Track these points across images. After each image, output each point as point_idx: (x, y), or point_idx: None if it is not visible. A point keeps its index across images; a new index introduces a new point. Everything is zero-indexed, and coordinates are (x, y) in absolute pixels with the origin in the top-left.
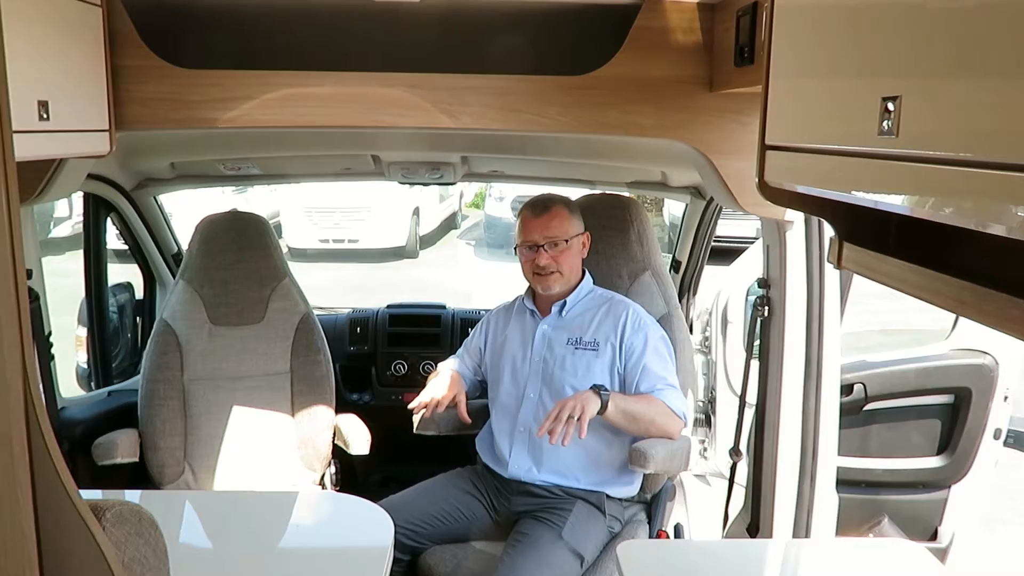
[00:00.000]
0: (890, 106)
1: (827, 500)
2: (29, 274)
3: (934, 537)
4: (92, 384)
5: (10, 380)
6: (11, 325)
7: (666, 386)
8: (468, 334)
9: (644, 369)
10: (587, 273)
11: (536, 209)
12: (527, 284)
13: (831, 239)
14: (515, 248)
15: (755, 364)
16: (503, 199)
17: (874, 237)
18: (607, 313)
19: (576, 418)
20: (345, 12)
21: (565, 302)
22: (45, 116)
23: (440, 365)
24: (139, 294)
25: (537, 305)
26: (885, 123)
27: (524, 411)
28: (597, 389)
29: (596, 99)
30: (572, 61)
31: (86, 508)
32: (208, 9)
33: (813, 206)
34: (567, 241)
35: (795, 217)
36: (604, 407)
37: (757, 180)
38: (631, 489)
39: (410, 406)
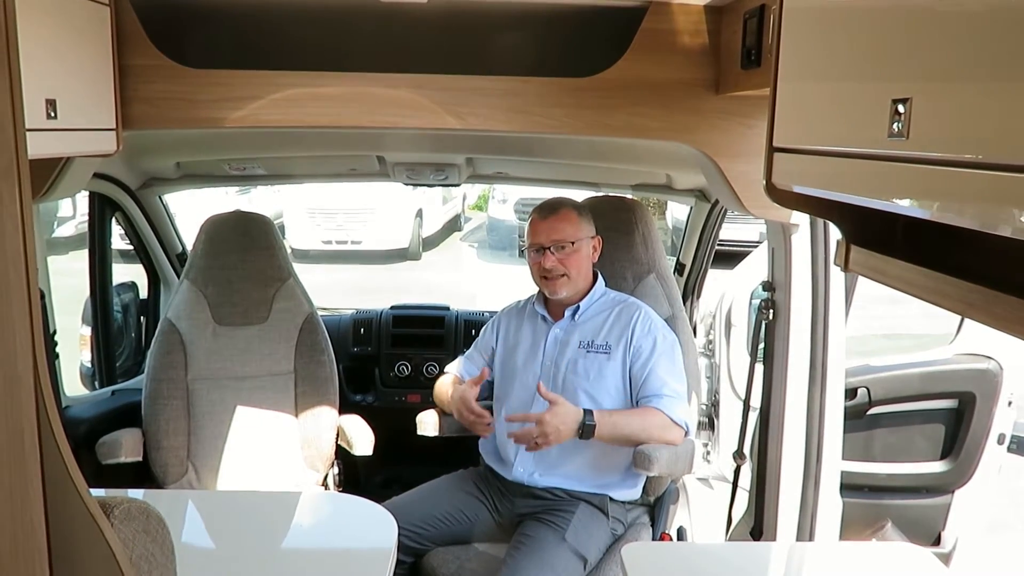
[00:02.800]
0: (900, 108)
1: (831, 504)
2: None
3: (937, 542)
4: (96, 383)
5: (22, 375)
6: (23, 320)
7: (671, 392)
8: (472, 335)
9: (650, 372)
10: (599, 276)
11: (544, 212)
12: (537, 287)
13: (838, 242)
14: (522, 251)
15: (759, 367)
16: (506, 201)
17: (881, 240)
18: (619, 316)
19: (539, 442)
20: (352, 13)
21: (578, 306)
22: (53, 115)
23: (448, 367)
24: (143, 294)
25: (549, 310)
26: (895, 125)
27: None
28: (583, 422)
29: (602, 101)
30: (578, 63)
31: (95, 505)
32: (215, 9)
33: (820, 208)
34: (573, 244)
35: (800, 220)
36: (585, 434)
37: (764, 182)
38: (634, 492)
39: (482, 434)
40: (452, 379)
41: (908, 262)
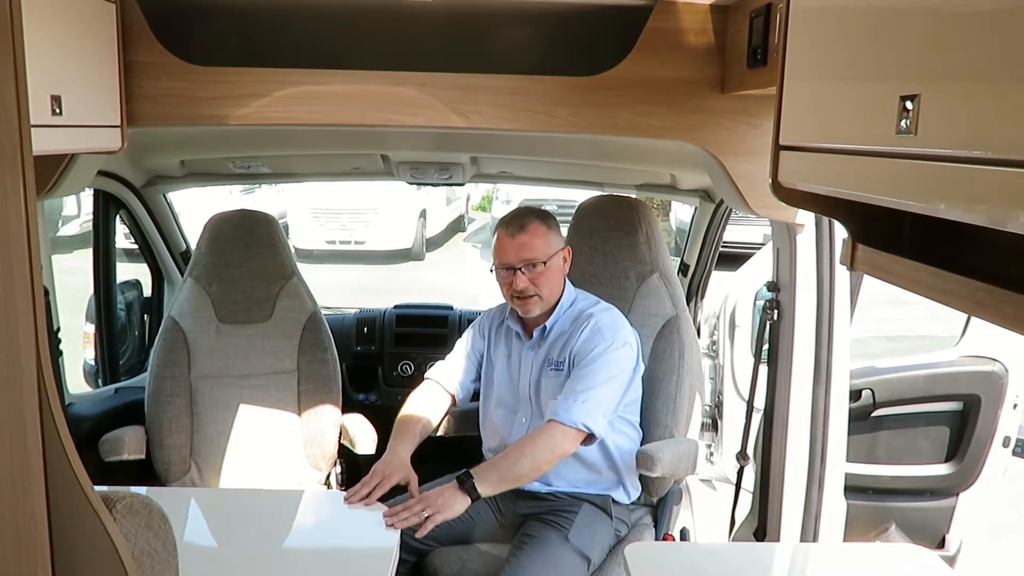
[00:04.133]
0: (908, 105)
1: (835, 506)
2: None
3: (942, 545)
4: (99, 381)
5: (25, 368)
6: (26, 313)
7: (572, 394)
8: None
9: (569, 379)
10: (567, 286)
11: (511, 228)
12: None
13: (844, 241)
14: (491, 268)
15: (763, 368)
16: (510, 202)
17: (887, 238)
18: (574, 330)
19: (427, 516)
20: (357, 10)
21: (545, 326)
22: (58, 111)
23: (430, 373)
24: (147, 291)
25: (523, 326)
26: (903, 122)
27: (515, 437)
28: (462, 481)
29: (607, 100)
30: (583, 62)
31: (97, 499)
32: (220, 6)
33: (826, 207)
34: (545, 263)
35: (805, 220)
36: (474, 497)
37: (770, 181)
38: (634, 494)
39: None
40: (433, 393)
41: (915, 261)
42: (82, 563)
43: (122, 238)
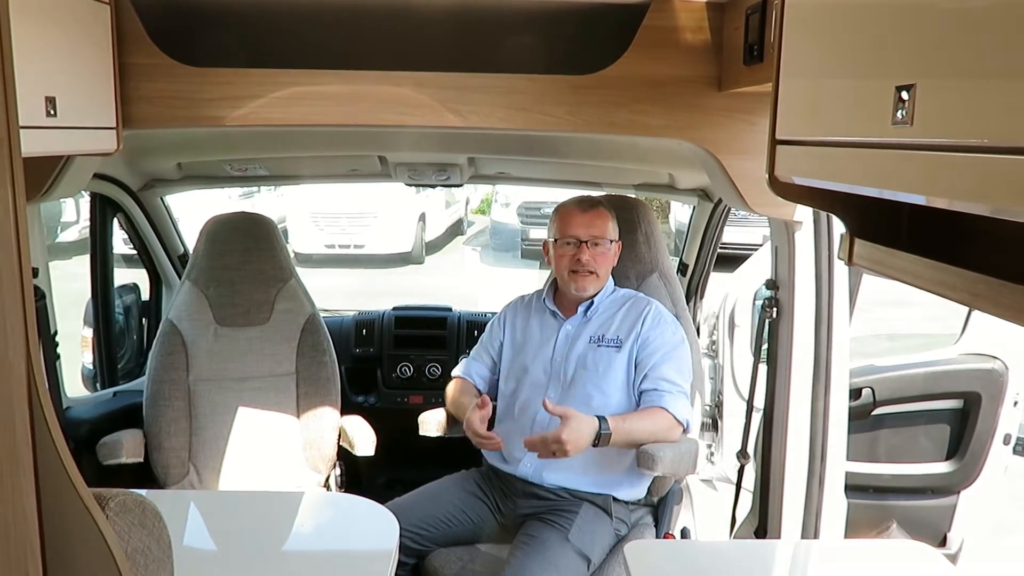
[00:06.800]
0: (904, 95)
1: (836, 505)
2: (35, 272)
3: (943, 543)
4: (97, 385)
5: (13, 363)
6: (15, 306)
7: (673, 389)
8: (475, 336)
9: (655, 365)
10: (611, 277)
11: (583, 205)
12: (545, 284)
13: (842, 236)
14: (552, 242)
15: (763, 367)
16: (509, 205)
17: (885, 233)
18: (630, 310)
19: (556, 454)
20: (354, 10)
21: (592, 302)
22: (52, 112)
23: (455, 371)
24: (145, 295)
25: (560, 305)
26: (899, 112)
27: (542, 413)
28: (598, 431)
29: (604, 98)
30: (580, 60)
31: (89, 496)
32: (216, 7)
33: (824, 201)
34: (610, 243)
35: (803, 218)
36: (596, 445)
37: (767, 176)
38: (639, 491)
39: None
40: (459, 384)
41: (913, 254)
42: (74, 561)
43: (120, 243)
